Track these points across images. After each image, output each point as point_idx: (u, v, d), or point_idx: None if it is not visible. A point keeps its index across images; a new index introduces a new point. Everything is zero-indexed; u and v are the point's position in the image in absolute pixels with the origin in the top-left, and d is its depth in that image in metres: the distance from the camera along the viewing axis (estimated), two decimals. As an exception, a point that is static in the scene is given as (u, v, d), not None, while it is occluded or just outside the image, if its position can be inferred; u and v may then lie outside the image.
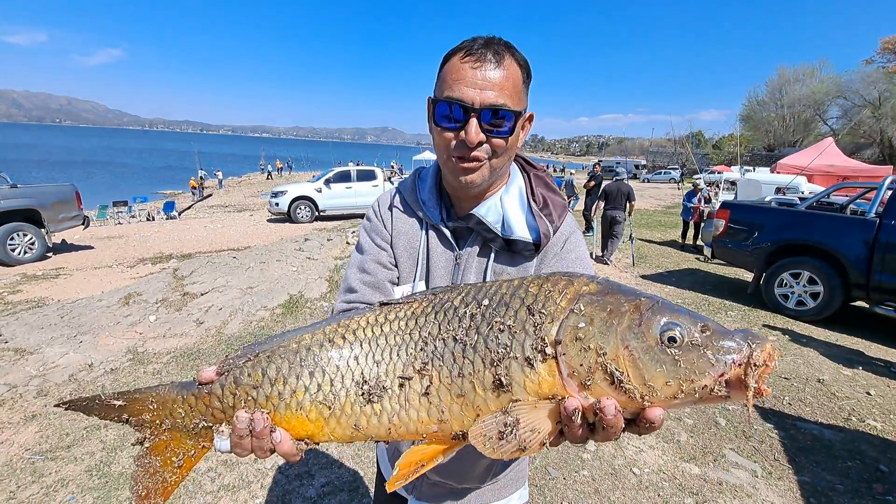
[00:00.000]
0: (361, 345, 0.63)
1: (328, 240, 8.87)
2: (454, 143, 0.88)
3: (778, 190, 11.28)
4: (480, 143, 0.87)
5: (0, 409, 3.23)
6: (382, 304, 0.69)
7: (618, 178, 9.18)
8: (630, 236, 8.93)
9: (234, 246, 10.37)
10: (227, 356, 0.65)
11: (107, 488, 2.48)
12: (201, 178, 27.27)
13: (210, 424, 0.64)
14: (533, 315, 0.58)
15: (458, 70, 0.86)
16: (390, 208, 1.09)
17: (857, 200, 6.94)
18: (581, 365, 0.55)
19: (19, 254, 8.14)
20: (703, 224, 9.71)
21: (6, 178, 8.40)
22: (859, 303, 5.70)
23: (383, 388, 0.61)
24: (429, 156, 37.44)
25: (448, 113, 0.87)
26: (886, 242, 5.03)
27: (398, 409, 0.61)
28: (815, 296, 5.65)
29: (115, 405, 0.67)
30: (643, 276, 7.60)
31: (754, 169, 19.96)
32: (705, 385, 0.52)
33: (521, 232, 0.96)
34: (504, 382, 0.57)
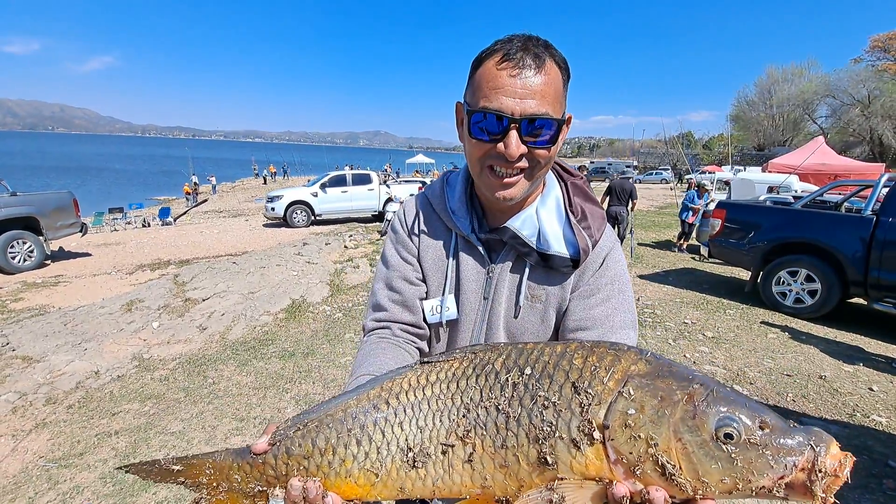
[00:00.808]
0: (405, 410, 0.64)
1: (326, 244, 8.89)
2: (491, 154, 0.83)
3: (770, 189, 11.41)
4: (521, 157, 0.82)
5: (12, 417, 3.22)
6: (423, 362, 0.68)
7: (623, 175, 9.93)
8: (630, 230, 9.22)
9: (232, 251, 10.36)
10: (277, 426, 0.67)
11: (122, 495, 2.49)
12: (195, 183, 27.15)
13: (265, 488, 0.67)
14: (579, 394, 0.57)
15: (494, 77, 0.79)
16: (416, 217, 1.04)
17: (851, 198, 7.04)
18: (631, 453, 0.54)
19: (19, 262, 8.11)
20: (699, 224, 9.77)
21: (6, 185, 8.37)
22: (856, 300, 5.78)
23: (427, 454, 0.62)
24: (422, 159, 37.50)
25: (485, 124, 0.81)
26: (884, 239, 5.10)
27: (442, 473, 0.61)
28: (812, 293, 5.72)
29: (173, 469, 0.68)
30: (641, 276, 7.66)
31: (745, 168, 20.15)
32: (763, 486, 0.50)
33: (558, 247, 0.90)
34: (549, 461, 0.56)
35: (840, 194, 7.67)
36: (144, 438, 2.99)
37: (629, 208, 9.29)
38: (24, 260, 8.19)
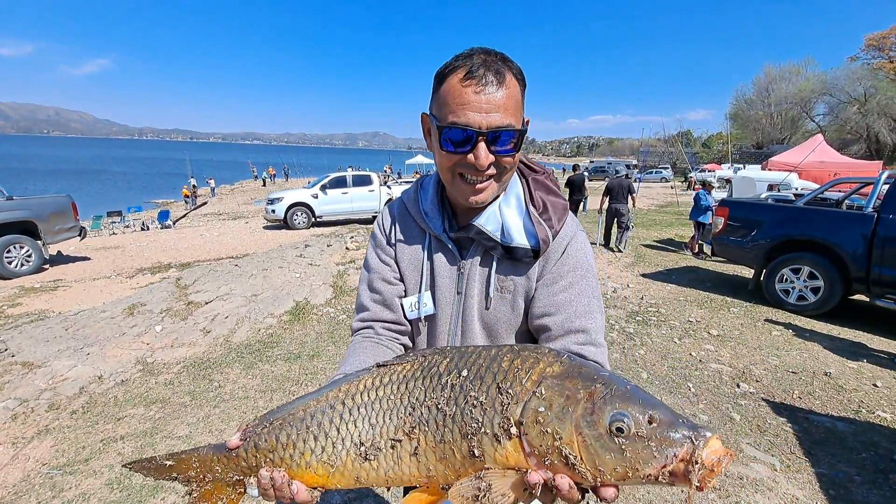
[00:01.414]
0: (359, 409, 0.71)
1: (328, 245, 8.85)
2: (461, 164, 0.90)
3: (771, 187, 11.42)
4: (489, 165, 0.89)
5: (13, 424, 3.19)
6: (379, 365, 0.76)
7: (618, 175, 10.43)
8: (629, 225, 9.87)
9: (233, 254, 10.32)
10: (248, 424, 0.78)
11: (130, 501, 2.46)
12: (193, 186, 27.09)
13: (241, 477, 0.77)
14: (501, 394, 0.64)
15: (460, 93, 0.86)
16: (393, 222, 1.12)
17: (852, 196, 7.04)
18: (541, 445, 0.60)
19: (16, 266, 8.06)
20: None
21: (2, 190, 8.31)
22: (858, 296, 5.79)
23: (378, 448, 0.69)
24: (421, 159, 37.46)
25: (455, 138, 0.87)
26: (885, 236, 5.10)
27: (392, 465, 0.69)
28: (815, 290, 5.72)
29: (166, 465, 0.80)
30: (643, 275, 7.66)
31: (744, 166, 20.19)
32: (649, 473, 0.56)
33: (520, 239, 0.97)
34: (476, 453, 0.64)
35: (840, 192, 7.68)
36: (151, 443, 2.96)
37: (629, 204, 9.87)
38: (22, 265, 8.15)
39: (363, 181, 15.42)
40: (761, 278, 6.29)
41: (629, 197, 9.89)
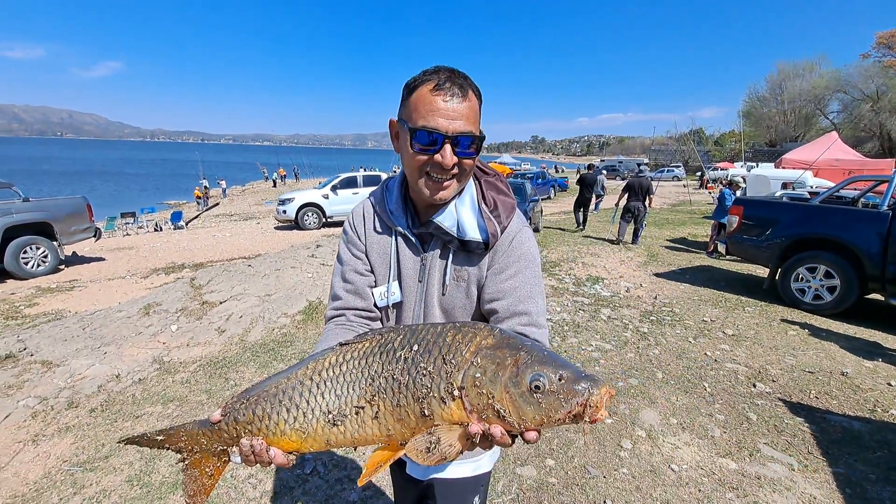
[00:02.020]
0: (325, 383, 0.82)
1: (339, 246, 8.89)
2: (429, 164, 1.01)
3: (785, 185, 11.27)
4: (453, 165, 1.01)
5: (34, 422, 3.24)
6: (342, 344, 0.86)
7: (640, 174, 10.65)
8: (643, 223, 10.32)
9: (245, 254, 10.40)
10: (227, 401, 0.88)
11: (149, 497, 2.49)
12: (205, 187, 27.34)
13: (225, 447, 0.89)
14: (446, 364, 0.76)
15: (430, 102, 0.98)
16: (363, 219, 1.24)
17: (867, 194, 6.93)
18: (478, 404, 0.74)
19: (32, 267, 8.18)
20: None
21: (18, 191, 8.43)
22: (874, 295, 5.70)
23: (344, 415, 0.80)
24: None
25: (425, 140, 0.99)
26: (900, 235, 5.03)
27: (357, 428, 0.80)
28: (831, 289, 5.65)
29: (158, 439, 0.91)
30: (656, 274, 7.59)
31: (757, 164, 19.94)
32: (559, 418, 0.70)
33: (473, 233, 1.10)
34: (427, 413, 0.76)
35: (855, 190, 7.57)
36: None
37: (646, 203, 10.19)
38: (38, 265, 8.26)
39: (374, 181, 15.46)
40: (776, 277, 6.21)
41: (647, 197, 10.20)
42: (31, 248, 8.13)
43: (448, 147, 0.98)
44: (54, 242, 8.52)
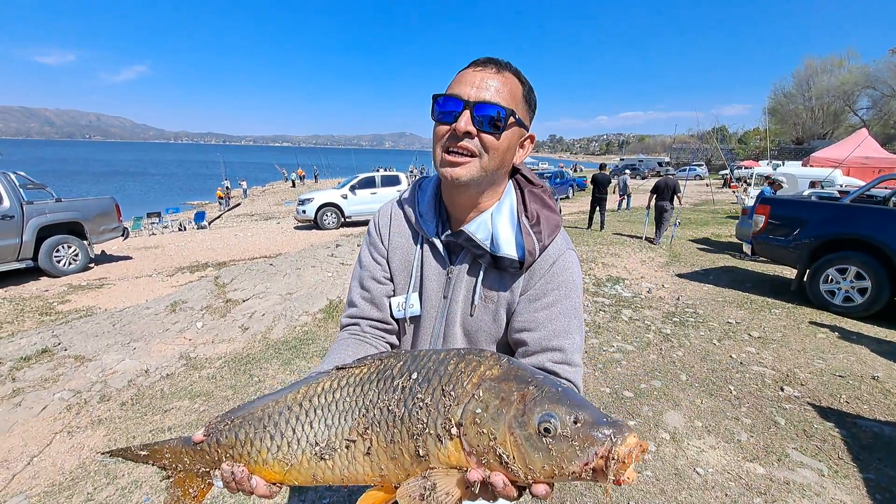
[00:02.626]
0: (315, 411, 0.74)
1: (358, 245, 8.98)
2: (449, 136, 0.92)
3: (813, 184, 10.98)
4: (469, 135, 0.90)
5: (68, 414, 3.35)
6: (339, 368, 0.78)
7: (669, 173, 11.22)
8: (674, 222, 10.77)
9: (266, 253, 10.57)
10: (210, 421, 0.81)
11: (178, 489, 2.55)
12: (227, 188, 27.85)
13: (207, 469, 0.81)
14: (444, 396, 0.66)
15: (461, 75, 0.93)
16: (389, 221, 1.14)
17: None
18: (478, 445, 0.63)
19: (64, 265, 8.44)
20: (739, 220, 9.44)
21: (51, 192, 8.71)
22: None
23: (333, 448, 0.71)
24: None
25: (444, 107, 0.92)
26: (935, 235, 4.86)
27: (347, 464, 0.71)
28: (862, 291, 5.49)
29: (141, 454, 0.85)
30: (679, 275, 7.47)
31: (783, 163, 19.48)
32: (574, 471, 0.59)
33: (508, 249, 0.97)
34: (422, 453, 0.66)
35: (886, 188, 7.34)
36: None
37: (674, 203, 10.56)
38: (70, 263, 8.52)
39: (392, 181, 15.55)
40: (805, 279, 6.06)
41: (675, 196, 10.51)
42: (63, 247, 8.40)
43: (466, 113, 0.89)
44: (85, 241, 8.78)
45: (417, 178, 1.21)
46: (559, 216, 1.05)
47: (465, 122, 0.88)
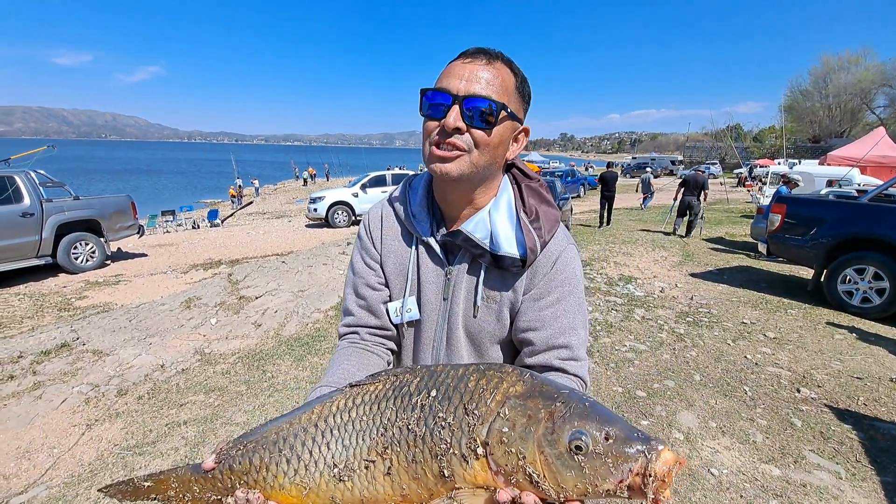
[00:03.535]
0: (332, 431, 0.72)
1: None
2: (437, 131, 0.88)
3: (830, 183, 10.79)
4: (459, 131, 0.86)
5: (86, 407, 3.42)
6: (352, 385, 0.76)
7: (696, 169, 12.40)
8: (701, 216, 11.23)
9: (278, 251, 10.66)
10: (221, 447, 0.78)
11: (194, 482, 2.59)
12: (239, 186, 28.09)
13: (219, 497, 0.77)
14: (468, 415, 0.65)
15: (450, 67, 0.89)
16: (380, 224, 1.09)
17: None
18: (506, 465, 0.62)
19: (81, 262, 8.59)
20: (754, 219, 9.31)
21: (69, 190, 8.87)
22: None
23: (352, 469, 0.69)
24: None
25: (433, 101, 0.88)
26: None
27: (367, 485, 0.69)
28: (880, 292, 5.40)
29: (145, 486, 0.80)
30: (692, 274, 7.40)
31: (800, 161, 19.19)
32: (608, 489, 0.58)
33: (509, 247, 0.94)
34: (447, 473, 0.65)
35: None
36: (211, 428, 3.11)
37: (700, 198, 10.99)
38: (87, 260, 8.67)
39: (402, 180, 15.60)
40: (822, 279, 5.97)
41: (701, 192, 10.95)
42: (80, 244, 8.54)
43: (456, 108, 0.85)
44: (101, 239, 8.92)
45: (409, 177, 1.15)
46: (558, 210, 1.03)
47: (454, 117, 0.85)
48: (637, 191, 20.82)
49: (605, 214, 12.87)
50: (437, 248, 1.02)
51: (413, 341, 1.10)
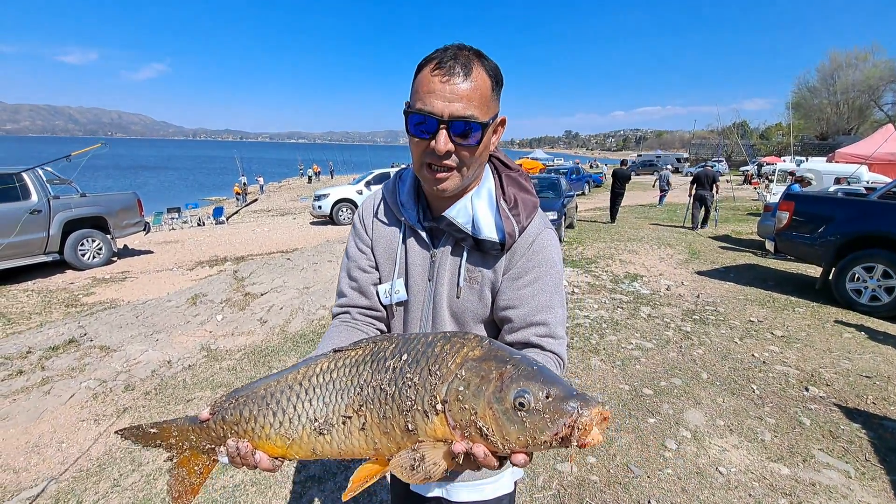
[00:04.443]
0: (314, 389, 0.79)
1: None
2: (427, 151, 0.93)
3: (838, 180, 10.71)
4: (449, 154, 0.91)
5: (94, 403, 3.44)
6: (335, 350, 0.83)
7: (706, 165, 13.67)
8: (715, 208, 12.23)
9: (283, 248, 10.68)
10: (216, 400, 0.86)
11: (201, 477, 2.60)
12: (244, 183, 28.18)
13: (213, 446, 0.86)
14: (431, 375, 0.72)
15: (428, 82, 0.89)
16: (372, 212, 1.17)
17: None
18: (461, 420, 0.69)
19: (88, 259, 8.63)
20: (762, 217, 9.24)
21: (76, 187, 8.91)
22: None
23: (331, 424, 0.77)
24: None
25: (419, 124, 0.91)
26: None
27: (344, 438, 0.76)
28: (889, 290, 5.35)
29: (152, 432, 0.89)
30: (699, 272, 7.36)
31: (807, 159, 19.05)
32: (545, 440, 0.65)
33: (489, 232, 1.01)
34: (411, 427, 0.72)
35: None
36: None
37: (713, 192, 11.95)
38: (93, 257, 8.71)
39: (406, 177, 15.58)
40: (830, 277, 5.92)
41: (714, 185, 11.89)
42: (87, 241, 8.58)
43: (443, 132, 0.89)
44: (108, 235, 8.96)
45: (400, 169, 1.22)
46: (536, 197, 1.09)
47: (443, 141, 0.90)
48: (654, 186, 21.01)
49: (614, 211, 13.22)
50: (423, 233, 1.09)
51: (402, 321, 1.16)
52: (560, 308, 1.04)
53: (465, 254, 1.05)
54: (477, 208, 1.02)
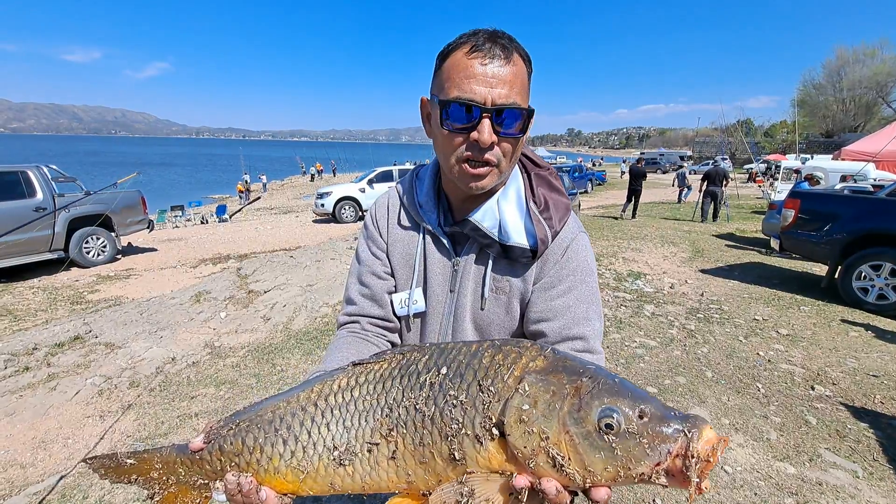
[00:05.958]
0: (332, 411, 0.67)
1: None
2: (464, 146, 0.83)
3: (844, 178, 10.63)
4: (492, 146, 0.82)
5: (99, 399, 3.45)
6: (355, 363, 0.71)
7: (716, 162, 15.34)
8: (725, 203, 13.05)
9: (286, 246, 10.70)
10: (211, 426, 0.72)
11: (206, 474, 2.61)
12: (247, 182, 28.24)
13: (206, 481, 0.72)
14: (482, 392, 0.60)
15: (465, 66, 0.80)
16: (387, 213, 1.07)
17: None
18: (525, 446, 0.56)
19: (93, 256, 8.67)
20: (767, 215, 9.20)
21: (81, 185, 8.95)
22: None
23: (354, 452, 0.64)
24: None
25: (458, 113, 0.81)
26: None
27: (369, 470, 0.64)
28: (897, 289, 5.32)
29: (127, 463, 0.74)
30: (703, 271, 7.33)
31: (812, 156, 18.94)
32: (643, 473, 0.52)
33: (518, 238, 0.91)
34: (458, 456, 0.60)
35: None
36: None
37: (723, 187, 12.77)
38: (98, 254, 8.74)
39: (410, 175, 15.59)
40: (836, 275, 5.88)
41: (724, 181, 12.73)
42: (92, 239, 8.62)
43: (486, 122, 0.79)
44: (112, 233, 9.00)
45: (416, 167, 1.13)
46: (568, 199, 0.99)
47: (487, 132, 0.80)
48: (673, 185, 21.18)
49: (632, 208, 13.59)
50: (444, 238, 0.99)
51: (419, 334, 1.07)
52: (597, 320, 0.94)
53: (490, 261, 0.96)
54: (504, 211, 0.92)
